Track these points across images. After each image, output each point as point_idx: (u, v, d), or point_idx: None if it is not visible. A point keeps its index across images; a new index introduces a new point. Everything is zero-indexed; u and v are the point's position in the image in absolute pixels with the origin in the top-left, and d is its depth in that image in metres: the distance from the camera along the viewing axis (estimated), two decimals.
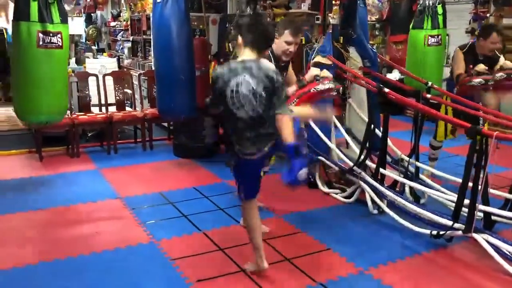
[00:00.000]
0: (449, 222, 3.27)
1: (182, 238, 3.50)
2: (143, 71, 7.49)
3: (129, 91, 6.53)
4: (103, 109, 6.08)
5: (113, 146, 5.82)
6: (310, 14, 5.19)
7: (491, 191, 3.56)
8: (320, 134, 4.20)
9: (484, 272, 3.04)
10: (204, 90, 5.05)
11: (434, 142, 4.77)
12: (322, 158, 4.30)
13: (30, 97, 3.71)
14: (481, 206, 3.22)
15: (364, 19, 4.91)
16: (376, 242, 3.47)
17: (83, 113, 5.92)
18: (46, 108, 3.79)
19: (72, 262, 3.12)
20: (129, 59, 9.85)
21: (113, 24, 11.80)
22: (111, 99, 6.20)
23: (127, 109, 6.39)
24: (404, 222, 3.56)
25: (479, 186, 3.11)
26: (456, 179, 3.94)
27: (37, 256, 3.20)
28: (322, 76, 3.45)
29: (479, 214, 3.30)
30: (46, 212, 3.97)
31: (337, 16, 5.27)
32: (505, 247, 3.06)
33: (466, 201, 3.20)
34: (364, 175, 3.97)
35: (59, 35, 3.64)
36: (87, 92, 6.07)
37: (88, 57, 8.37)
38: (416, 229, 3.46)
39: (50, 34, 3.59)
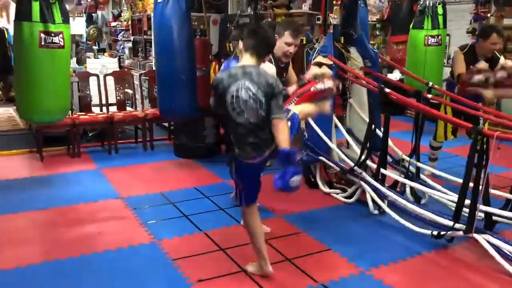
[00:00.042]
0: (450, 223, 3.27)
1: (183, 238, 3.50)
2: (144, 71, 7.49)
3: (130, 91, 6.54)
4: (104, 109, 6.09)
5: (114, 146, 5.82)
6: (311, 14, 5.19)
7: (492, 191, 3.56)
8: (320, 134, 4.20)
9: (485, 272, 3.05)
10: (205, 90, 5.05)
11: (434, 142, 4.78)
12: (322, 158, 4.30)
13: (32, 96, 3.73)
14: (482, 207, 3.22)
15: (365, 19, 4.91)
16: (377, 243, 3.48)
17: (84, 113, 5.92)
18: (48, 107, 3.80)
19: (74, 262, 3.12)
20: (130, 59, 9.86)
21: (114, 24, 11.81)
22: (112, 99, 6.21)
23: (128, 109, 6.40)
24: (405, 222, 3.57)
25: (480, 186, 3.11)
26: (457, 179, 3.95)
27: (39, 256, 3.20)
28: (322, 74, 3.45)
29: (480, 215, 3.30)
30: (47, 212, 3.98)
31: (338, 16, 5.27)
32: (506, 248, 3.06)
33: (467, 201, 3.20)
34: (364, 175, 3.97)
35: (61, 35, 3.66)
36: (88, 92, 6.08)
37: (89, 57, 8.39)
38: (417, 229, 3.47)
39: (52, 34, 3.61)
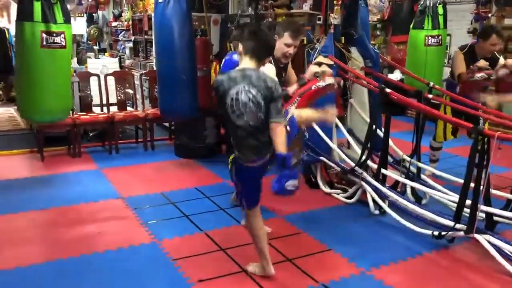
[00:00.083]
0: (450, 223, 3.27)
1: (183, 238, 3.50)
2: (145, 71, 7.49)
3: (130, 91, 6.54)
4: (105, 109, 6.09)
5: (114, 146, 5.82)
6: (311, 14, 5.18)
7: (493, 192, 3.55)
8: (321, 134, 4.20)
9: (486, 272, 3.04)
10: (205, 91, 5.05)
11: (434, 143, 4.77)
12: (323, 158, 4.30)
13: (33, 96, 3.74)
14: (483, 207, 3.22)
15: (365, 19, 4.91)
16: (377, 243, 3.47)
17: (85, 113, 5.92)
18: (49, 107, 3.81)
19: (74, 262, 3.12)
20: (130, 59, 9.86)
21: (114, 24, 11.81)
22: (113, 99, 6.21)
23: (129, 109, 6.40)
24: (405, 222, 3.56)
25: (481, 187, 3.11)
26: (457, 180, 3.95)
27: (39, 256, 3.20)
28: (321, 71, 3.44)
29: (481, 215, 3.30)
30: (48, 212, 3.98)
31: (338, 16, 5.26)
32: (507, 248, 3.06)
33: (468, 201, 3.20)
34: (365, 176, 3.97)
35: (62, 35, 3.67)
36: (89, 92, 6.08)
37: (89, 57, 8.39)
38: (417, 229, 3.46)
39: (54, 34, 3.62)
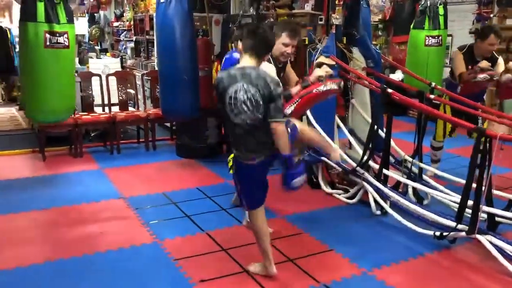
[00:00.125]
0: (452, 223, 3.26)
1: (185, 238, 3.50)
2: (146, 71, 7.50)
3: (132, 91, 6.55)
4: (106, 109, 6.10)
5: (116, 146, 5.83)
6: (313, 15, 5.17)
7: (495, 192, 3.54)
8: (323, 134, 4.20)
9: (487, 273, 3.04)
10: (207, 91, 5.05)
11: (434, 142, 4.78)
12: (325, 159, 4.30)
13: (38, 96, 3.76)
14: (484, 207, 3.21)
15: (367, 20, 4.91)
16: (379, 243, 3.47)
17: (86, 113, 5.93)
18: (53, 107, 3.83)
19: (76, 262, 3.12)
20: (132, 59, 9.86)
21: (116, 24, 11.82)
22: (114, 99, 6.22)
23: (130, 109, 6.41)
24: (407, 223, 3.56)
25: (483, 187, 3.11)
26: (459, 180, 3.94)
27: (41, 256, 3.20)
28: (326, 75, 3.45)
29: (483, 215, 3.30)
30: (49, 212, 3.98)
31: (340, 16, 5.26)
32: (508, 249, 3.06)
33: (470, 202, 3.19)
34: (367, 176, 3.97)
35: (66, 35, 3.69)
36: (90, 92, 6.09)
37: (91, 57, 8.42)
38: (419, 230, 3.46)
39: (57, 34, 3.64)
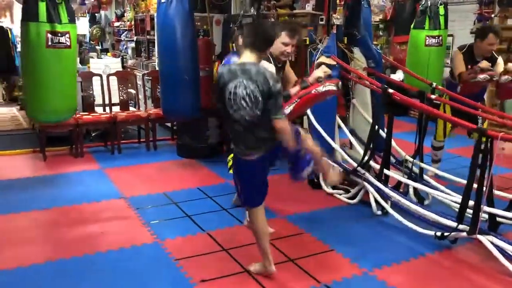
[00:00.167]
0: (453, 224, 3.26)
1: (186, 238, 3.50)
2: (147, 71, 7.50)
3: (133, 91, 6.54)
4: (107, 109, 6.10)
5: (116, 146, 5.83)
6: (314, 15, 5.17)
7: (496, 193, 3.54)
8: (323, 134, 4.20)
9: (488, 273, 3.04)
10: (208, 91, 5.05)
11: (435, 142, 4.78)
12: (325, 159, 4.29)
13: (39, 96, 3.77)
14: (486, 208, 3.21)
15: (368, 20, 4.91)
16: (380, 243, 3.47)
17: (87, 113, 5.93)
18: (55, 107, 3.84)
19: (77, 262, 3.12)
20: (133, 59, 9.86)
21: (117, 24, 11.81)
22: (115, 99, 6.22)
23: (131, 109, 6.41)
24: (408, 223, 3.56)
25: (484, 187, 3.10)
26: (460, 180, 3.94)
27: (41, 256, 3.20)
28: (325, 76, 3.44)
29: (484, 216, 3.29)
30: (50, 212, 3.98)
31: (341, 16, 5.26)
32: (510, 249, 3.05)
33: (471, 202, 3.19)
34: (368, 176, 3.97)
35: (67, 35, 3.69)
36: (91, 92, 6.09)
37: (92, 57, 8.42)
38: (420, 230, 3.46)
39: (59, 34, 3.64)
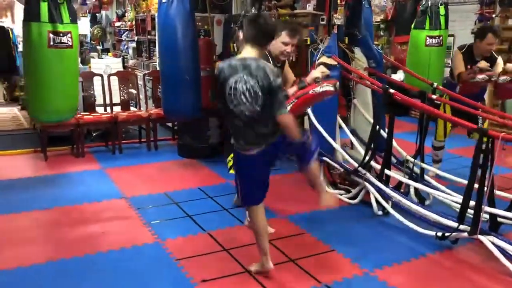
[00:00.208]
0: (454, 224, 3.26)
1: (187, 238, 3.50)
2: (148, 71, 7.51)
3: (133, 91, 6.55)
4: (108, 109, 6.10)
5: (117, 146, 5.83)
6: (315, 15, 5.17)
7: (497, 193, 3.54)
8: (324, 134, 4.20)
9: (489, 274, 3.03)
10: (209, 91, 5.05)
11: (435, 142, 4.78)
12: (326, 159, 4.29)
13: (41, 96, 3.77)
14: (487, 208, 3.21)
15: (369, 20, 4.91)
16: (381, 244, 3.47)
17: (88, 113, 5.93)
18: (57, 107, 3.84)
19: (78, 262, 3.13)
20: (133, 59, 9.86)
21: (118, 24, 11.81)
22: (116, 99, 6.22)
23: (132, 109, 6.41)
24: (409, 223, 3.55)
25: (485, 188, 3.10)
26: (461, 181, 3.94)
27: (42, 255, 3.20)
28: (322, 76, 3.44)
29: (485, 216, 3.29)
30: (51, 211, 3.98)
31: (342, 16, 5.27)
32: (511, 249, 3.05)
33: (472, 202, 3.19)
34: (369, 176, 3.96)
35: (69, 35, 3.70)
36: (92, 92, 6.09)
37: (93, 57, 8.43)
38: (421, 230, 3.46)
39: (60, 34, 3.65)
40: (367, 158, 4.00)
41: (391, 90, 3.83)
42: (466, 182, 3.26)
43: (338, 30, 4.62)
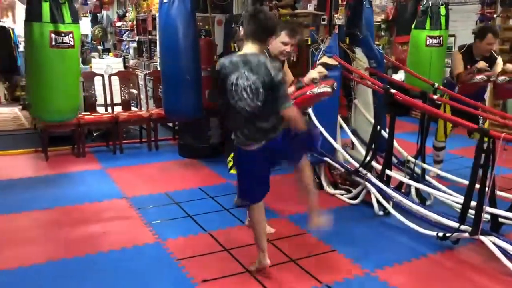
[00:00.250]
0: (455, 224, 3.26)
1: (187, 238, 3.50)
2: (149, 71, 7.51)
3: (134, 91, 6.55)
4: (109, 109, 6.10)
5: (118, 146, 5.83)
6: (316, 15, 5.18)
7: (498, 193, 3.53)
8: (325, 134, 4.19)
9: (490, 274, 3.03)
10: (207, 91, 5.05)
11: (436, 143, 4.78)
12: (327, 159, 4.29)
13: (43, 96, 3.78)
14: (488, 208, 3.20)
15: (370, 20, 4.90)
16: (381, 244, 3.46)
17: (89, 113, 5.93)
18: (58, 107, 3.85)
19: (78, 262, 3.13)
20: (134, 59, 9.87)
21: (118, 24, 11.82)
22: (117, 99, 6.22)
23: (133, 109, 6.41)
24: (410, 223, 3.55)
25: (486, 188, 3.09)
26: (462, 181, 3.94)
27: (43, 255, 3.20)
28: (320, 77, 3.44)
29: (486, 216, 3.29)
30: (52, 211, 3.98)
31: (343, 16, 5.26)
32: None
33: (473, 203, 3.18)
34: (369, 176, 3.96)
35: (71, 35, 3.71)
36: (93, 92, 6.09)
37: (94, 57, 8.42)
38: (422, 230, 3.45)
39: (62, 34, 3.66)
40: (368, 158, 4.00)
41: (392, 90, 3.83)
42: (467, 182, 3.26)
43: (339, 30, 4.62)
